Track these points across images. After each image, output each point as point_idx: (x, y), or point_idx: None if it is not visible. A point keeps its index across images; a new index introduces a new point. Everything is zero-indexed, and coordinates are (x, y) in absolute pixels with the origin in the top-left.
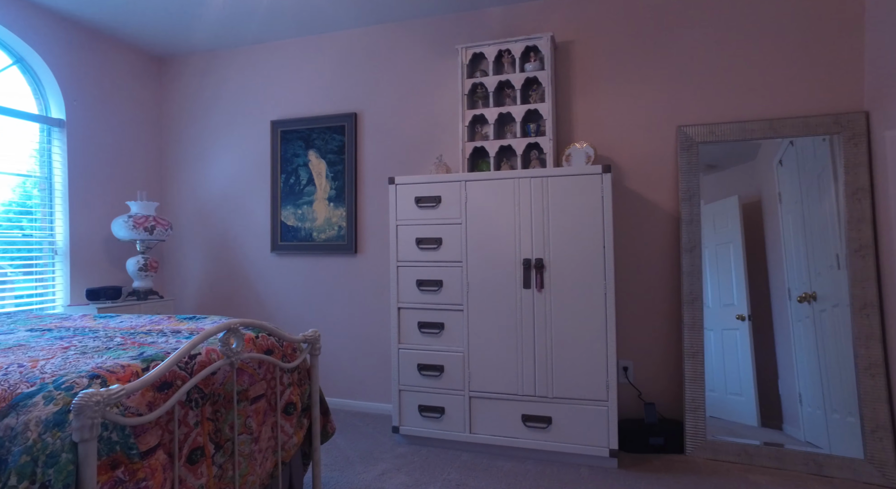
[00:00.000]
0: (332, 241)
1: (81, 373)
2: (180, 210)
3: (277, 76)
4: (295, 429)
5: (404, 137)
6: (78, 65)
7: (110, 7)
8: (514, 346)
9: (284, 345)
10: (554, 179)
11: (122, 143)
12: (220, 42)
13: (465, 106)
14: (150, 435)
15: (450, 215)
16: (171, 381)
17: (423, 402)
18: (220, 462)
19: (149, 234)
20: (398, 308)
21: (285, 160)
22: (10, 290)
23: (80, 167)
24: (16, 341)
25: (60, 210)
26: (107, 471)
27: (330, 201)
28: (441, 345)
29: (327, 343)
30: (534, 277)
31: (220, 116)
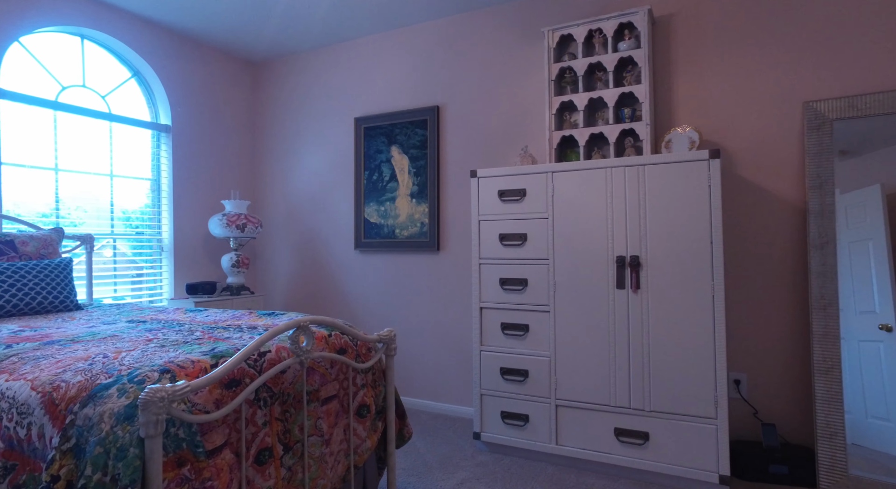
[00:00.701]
0: (415, 238)
1: (154, 367)
2: (271, 208)
3: (360, 73)
4: (368, 432)
5: (488, 129)
6: (182, 73)
7: (209, 16)
8: (606, 352)
9: (359, 345)
10: (652, 168)
11: (220, 145)
12: (306, 44)
13: (552, 92)
14: (217, 433)
15: (535, 209)
16: (240, 379)
17: (506, 409)
18: (290, 464)
19: (240, 232)
20: (480, 308)
21: (368, 157)
22: (125, 283)
23: (182, 169)
24: (112, 332)
25: (166, 209)
26: (173, 469)
27: (412, 197)
28: (525, 349)
29: (409, 342)
30: (629, 276)
31: (307, 116)
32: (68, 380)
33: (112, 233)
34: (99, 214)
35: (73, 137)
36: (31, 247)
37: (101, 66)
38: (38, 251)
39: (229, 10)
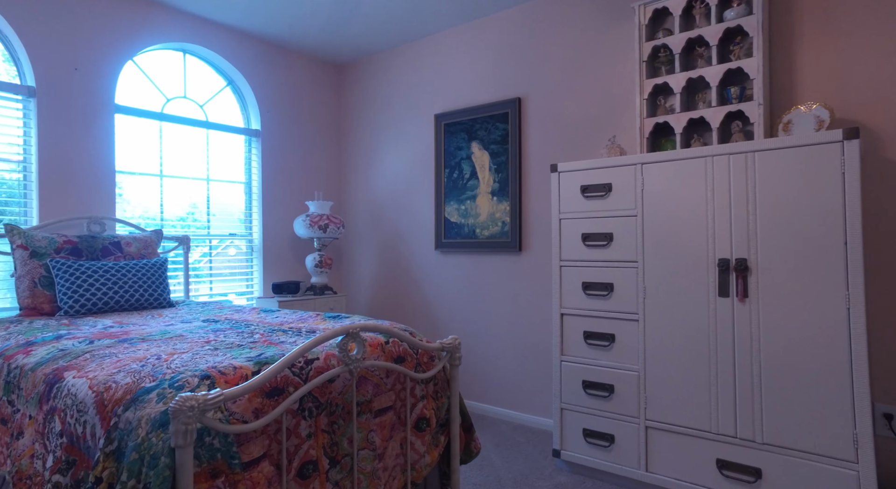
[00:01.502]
0: (496, 238)
1: (196, 373)
2: (355, 208)
3: (440, 68)
4: (428, 447)
5: (573, 120)
6: (270, 79)
7: (297, 22)
8: (706, 370)
9: (419, 353)
10: (765, 154)
11: (306, 147)
12: (387, 42)
13: (644, 75)
14: (255, 444)
15: (622, 206)
16: (283, 388)
17: (589, 426)
18: (337, 479)
19: (322, 232)
20: (561, 314)
21: (448, 154)
22: (221, 281)
23: (270, 171)
24: (181, 331)
25: (257, 211)
26: (206, 480)
27: (493, 195)
28: (611, 361)
29: (489, 347)
30: (734, 282)
31: (389, 114)
32: (119, 381)
33: (208, 234)
34: (196, 216)
35: (176, 145)
36: (133, 247)
37: (200, 76)
38: (140, 251)
39: (316, 13)
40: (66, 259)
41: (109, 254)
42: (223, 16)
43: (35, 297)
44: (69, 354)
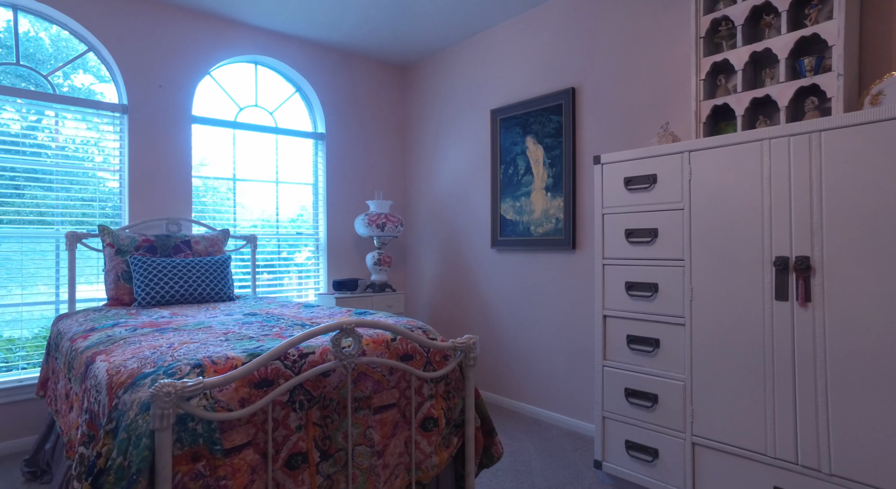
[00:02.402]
0: (549, 236)
1: (191, 361)
2: (417, 207)
3: (495, 63)
4: (436, 447)
5: (627, 109)
6: (335, 84)
7: (358, 28)
8: (761, 384)
9: (431, 352)
10: (835, 133)
11: (368, 147)
12: (446, 40)
13: (701, 53)
14: (238, 432)
15: (668, 198)
16: (273, 379)
17: (632, 438)
18: (329, 472)
19: (380, 231)
20: (603, 316)
21: (504, 149)
22: (290, 278)
23: (334, 172)
24: (213, 323)
25: (322, 210)
26: (187, 463)
27: (547, 191)
28: (655, 368)
29: (542, 349)
30: (794, 284)
31: (449, 112)
32: (127, 366)
33: (277, 233)
34: (265, 216)
35: (247, 150)
36: (201, 245)
37: (270, 84)
38: (207, 249)
39: (378, 18)
40: (143, 256)
41: (180, 252)
42: (291, 28)
43: (118, 289)
44: (110, 340)
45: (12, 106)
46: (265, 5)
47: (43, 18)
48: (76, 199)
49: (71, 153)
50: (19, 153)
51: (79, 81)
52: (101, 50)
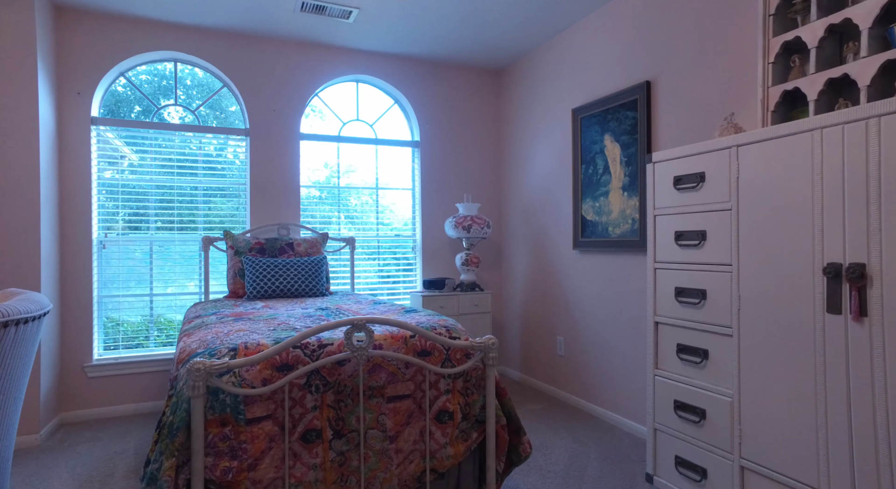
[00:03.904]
0: (626, 237)
1: (229, 346)
2: (511, 208)
3: (576, 61)
4: (451, 439)
5: (702, 101)
6: (428, 94)
7: (444, 40)
8: (812, 407)
9: (451, 350)
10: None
11: (460, 152)
12: (534, 41)
13: (770, 32)
14: (259, 406)
15: (715, 198)
16: (293, 365)
17: (681, 453)
18: (342, 449)
19: (466, 233)
20: (655, 322)
21: (584, 149)
22: (388, 277)
23: (428, 177)
24: (278, 314)
25: (418, 214)
26: (217, 426)
27: (623, 190)
28: (703, 380)
29: (620, 354)
30: (847, 295)
31: (536, 114)
32: (191, 346)
33: (377, 236)
34: (365, 220)
35: (350, 160)
36: (302, 247)
37: (370, 98)
38: (307, 250)
39: (462, 28)
40: (254, 256)
41: (284, 253)
42: (386, 47)
43: (234, 284)
44: (200, 325)
45: (178, 137)
46: (362, 31)
47: (192, 64)
48: (218, 209)
49: (210, 170)
50: (176, 173)
51: (218, 111)
52: (231, 85)
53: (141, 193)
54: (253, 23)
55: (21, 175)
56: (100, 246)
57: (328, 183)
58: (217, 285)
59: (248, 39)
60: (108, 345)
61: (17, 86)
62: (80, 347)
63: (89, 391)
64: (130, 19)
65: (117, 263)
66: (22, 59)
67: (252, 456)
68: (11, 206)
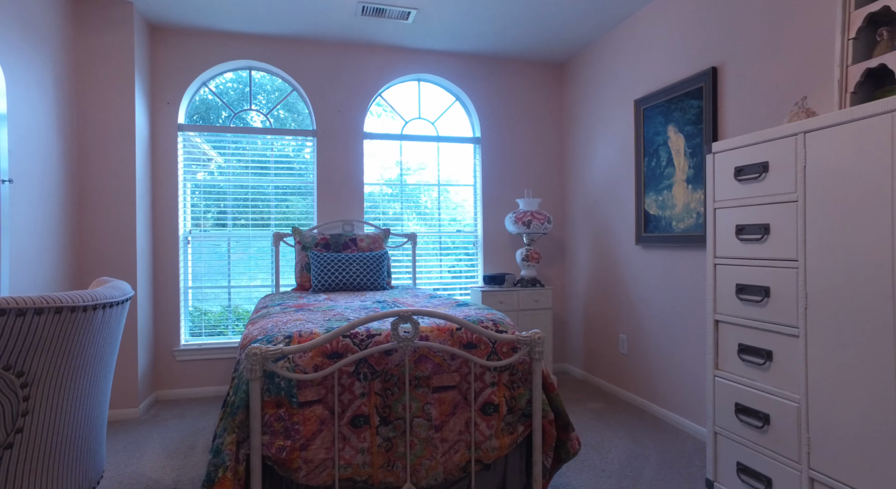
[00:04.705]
0: (690, 232)
1: (284, 333)
2: (573, 203)
3: (638, 50)
4: (497, 432)
5: (772, 84)
6: (488, 90)
7: (503, 35)
8: (892, 418)
9: (497, 343)
10: None
11: (521, 148)
12: (596, 32)
13: (852, 3)
14: (310, 391)
15: (780, 189)
16: (343, 353)
17: (744, 460)
18: (389, 435)
19: (526, 228)
20: (715, 320)
21: (647, 141)
22: (448, 272)
23: (489, 173)
24: (340, 307)
25: (479, 209)
26: (273, 408)
27: (688, 183)
28: (766, 383)
29: (685, 354)
30: None
31: (597, 106)
32: (253, 333)
33: (439, 231)
34: (432, 217)
35: (420, 158)
36: (365, 243)
37: (432, 97)
38: (369, 246)
39: (519, 23)
40: (320, 251)
41: (347, 248)
42: (448, 45)
43: (302, 278)
44: (265, 315)
45: (260, 140)
46: (421, 31)
47: (265, 71)
48: (294, 206)
49: (288, 170)
50: (251, 173)
51: (295, 114)
52: (299, 88)
53: (222, 193)
54: (317, 29)
55: (120, 177)
56: (185, 241)
57: (399, 180)
58: (287, 278)
59: (314, 44)
60: (193, 331)
61: (118, 98)
62: (170, 333)
63: (178, 373)
64: (211, 33)
65: (199, 258)
66: (123, 73)
67: (304, 437)
68: (112, 205)
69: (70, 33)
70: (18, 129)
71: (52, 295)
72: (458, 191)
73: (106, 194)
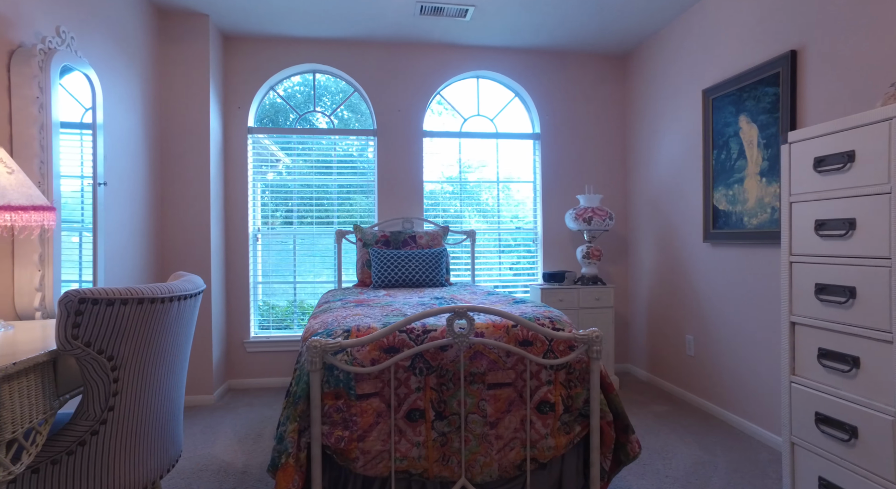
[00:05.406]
0: (764, 228)
1: (343, 327)
2: (636, 199)
3: (706, 37)
4: (553, 431)
5: (861, 66)
6: (548, 85)
7: (562, 28)
8: None
9: (554, 341)
10: None
11: (581, 142)
12: (661, 19)
13: None
14: (367, 384)
15: (868, 180)
16: (399, 347)
17: (827, 475)
18: (444, 430)
19: (587, 225)
20: (791, 322)
21: (717, 132)
22: (508, 269)
23: (548, 169)
24: (398, 303)
25: (539, 206)
26: (332, 399)
27: (762, 176)
28: (853, 392)
29: (758, 359)
30: None
31: (663, 98)
32: (314, 327)
33: (499, 228)
34: (492, 214)
35: (480, 156)
36: (424, 240)
37: (491, 93)
38: (428, 243)
39: (579, 15)
40: (380, 248)
41: (407, 245)
42: (507, 41)
43: (362, 274)
44: (326, 309)
45: (325, 140)
46: (479, 27)
47: (328, 73)
48: (357, 204)
49: (351, 169)
50: (315, 173)
51: (358, 114)
52: (360, 89)
53: (289, 192)
54: (377, 30)
55: (196, 178)
56: (254, 239)
57: (458, 178)
58: (349, 274)
59: (373, 46)
60: (262, 324)
61: (195, 104)
62: (241, 326)
63: (248, 363)
64: (278, 39)
65: (268, 254)
66: (199, 81)
67: (361, 428)
68: (189, 204)
69: (155, 46)
70: (111, 135)
71: (136, 287)
72: (518, 187)
73: (184, 194)
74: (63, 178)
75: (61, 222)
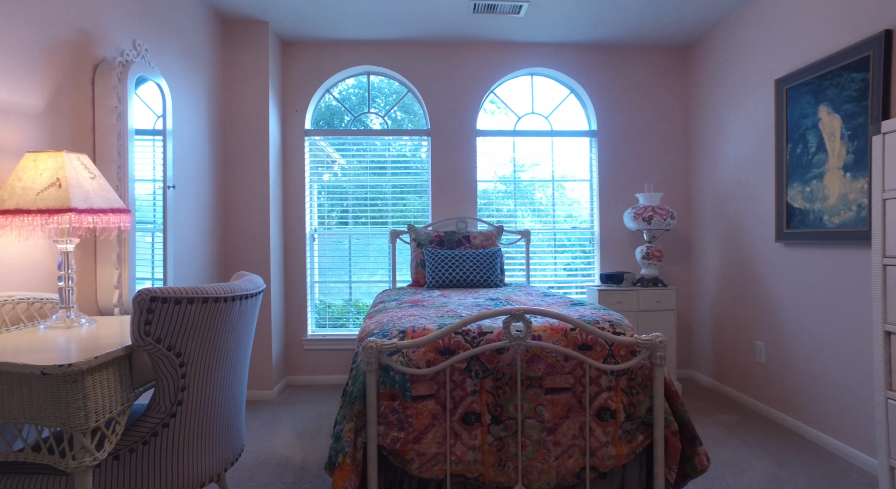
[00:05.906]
0: (848, 227)
1: (399, 328)
2: (701, 198)
3: (781, 21)
4: (613, 439)
5: None
6: (606, 81)
7: (620, 21)
8: None
9: (614, 346)
10: None
11: (640, 139)
12: (721, 11)
13: None
14: (423, 385)
15: None
16: (454, 349)
17: None
18: (500, 435)
19: (647, 224)
20: (885, 332)
21: (791, 125)
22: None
23: (605, 167)
24: (453, 304)
25: (595, 205)
26: (387, 400)
27: (845, 171)
28: None
29: (843, 371)
30: None
31: (731, 90)
32: (369, 327)
33: (554, 228)
34: (547, 213)
35: (534, 154)
36: (478, 240)
37: (545, 91)
38: (482, 243)
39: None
40: (434, 248)
41: (461, 245)
42: (561, 36)
43: (417, 274)
44: (382, 310)
45: (379, 141)
46: (533, 23)
47: (382, 75)
48: (411, 204)
49: (405, 169)
50: (370, 173)
51: (412, 115)
52: (413, 89)
53: (344, 193)
54: (431, 30)
55: (257, 180)
56: (311, 239)
57: (512, 177)
58: (403, 274)
59: (426, 46)
60: (319, 323)
61: (255, 108)
62: (299, 324)
63: (306, 361)
64: (333, 43)
65: (324, 254)
66: (259, 86)
67: (417, 430)
68: (250, 206)
69: (218, 54)
70: (179, 140)
71: (201, 286)
72: (573, 186)
73: (245, 196)
74: (137, 181)
75: (136, 223)
